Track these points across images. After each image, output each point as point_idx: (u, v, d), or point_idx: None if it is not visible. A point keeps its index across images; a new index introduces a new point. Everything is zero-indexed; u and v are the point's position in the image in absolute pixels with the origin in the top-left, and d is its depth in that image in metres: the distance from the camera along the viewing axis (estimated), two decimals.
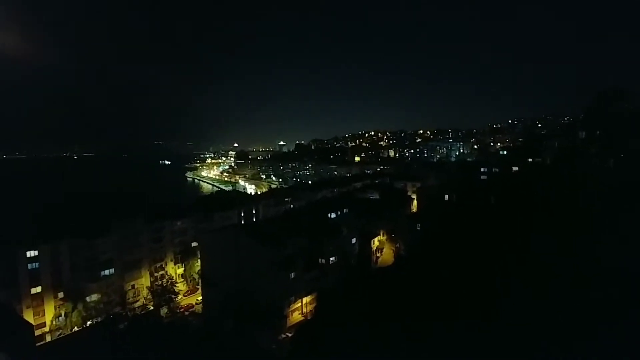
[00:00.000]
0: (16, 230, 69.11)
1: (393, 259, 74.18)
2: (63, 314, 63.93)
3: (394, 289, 44.54)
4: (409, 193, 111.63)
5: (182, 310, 70.94)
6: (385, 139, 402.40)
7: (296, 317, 60.29)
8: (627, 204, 35.84)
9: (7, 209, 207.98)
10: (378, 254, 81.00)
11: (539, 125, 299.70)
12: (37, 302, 62.38)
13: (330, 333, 37.85)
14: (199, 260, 78.18)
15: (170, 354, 41.71)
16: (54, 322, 63.54)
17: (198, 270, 78.54)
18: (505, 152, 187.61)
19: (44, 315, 63.03)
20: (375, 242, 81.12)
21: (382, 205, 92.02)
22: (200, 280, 74.79)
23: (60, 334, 61.21)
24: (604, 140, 64.34)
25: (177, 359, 40.57)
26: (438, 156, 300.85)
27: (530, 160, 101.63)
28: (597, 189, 41.82)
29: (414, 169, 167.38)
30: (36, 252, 62.16)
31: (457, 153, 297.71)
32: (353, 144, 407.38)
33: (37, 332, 55.72)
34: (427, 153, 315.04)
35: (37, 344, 46.82)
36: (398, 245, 76.40)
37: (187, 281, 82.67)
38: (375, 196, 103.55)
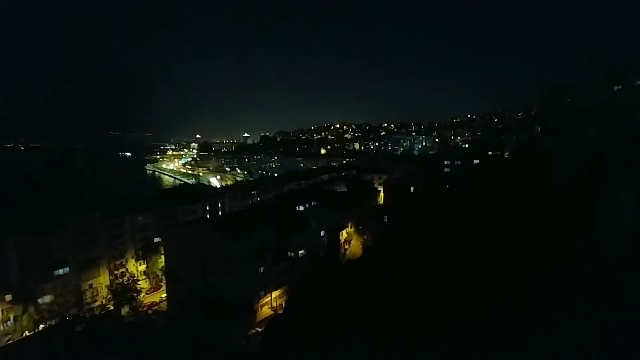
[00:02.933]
0: None
1: (361, 251, 75.35)
2: (12, 318, 59.42)
3: (363, 280, 45.16)
4: (375, 185, 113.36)
5: (145, 308, 68.16)
6: (351, 131, 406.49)
7: (266, 311, 59.76)
8: (580, 190, 38.39)
9: None
10: (346, 246, 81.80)
11: (496, 119, 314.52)
12: None
13: (300, 327, 37.77)
14: (162, 257, 75.32)
15: (134, 354, 40.00)
16: (1, 327, 58.94)
17: (162, 267, 75.73)
18: (466, 145, 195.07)
19: None
20: (344, 234, 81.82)
21: (350, 198, 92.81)
22: (164, 277, 72.18)
23: (8, 340, 56.86)
24: (556, 134, 68.48)
25: (141, 358, 39.00)
26: (402, 149, 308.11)
27: (490, 153, 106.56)
28: (552, 177, 44.49)
29: (380, 162, 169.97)
30: None
31: (420, 146, 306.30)
32: (319, 137, 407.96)
33: None
34: (391, 146, 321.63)
35: None
36: (366, 237, 77.49)
37: (149, 278, 79.56)
38: (342, 189, 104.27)
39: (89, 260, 71.35)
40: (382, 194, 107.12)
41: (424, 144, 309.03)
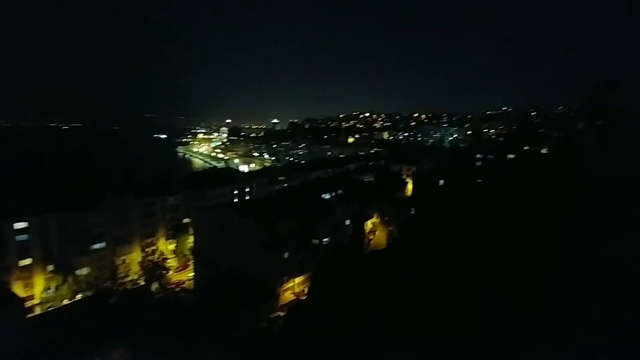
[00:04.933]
0: (3, 202, 67.49)
1: (386, 242, 74.76)
2: (53, 287, 63.37)
3: (386, 272, 44.84)
4: (403, 176, 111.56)
5: (173, 286, 70.88)
6: (380, 121, 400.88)
7: (288, 296, 60.63)
8: (623, 196, 35.99)
9: None
10: (371, 237, 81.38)
11: (533, 113, 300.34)
12: (27, 274, 61.59)
13: (322, 314, 38.06)
14: (190, 237, 77.71)
15: (160, 329, 41.75)
16: (43, 295, 63.03)
17: (190, 247, 78.16)
18: (501, 139, 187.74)
19: (33, 288, 62.42)
20: (369, 225, 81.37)
21: (377, 188, 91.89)
22: (191, 257, 74.55)
23: (49, 307, 60.80)
24: (602, 132, 64.31)
25: (166, 334, 40.62)
26: (432, 140, 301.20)
27: (526, 148, 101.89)
28: (594, 179, 41.96)
29: (409, 153, 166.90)
30: (25, 224, 60.89)
31: (451, 138, 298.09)
32: (347, 125, 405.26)
33: (27, 305, 55.17)
34: (421, 137, 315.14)
35: (27, 316, 46.40)
36: (391, 228, 76.71)
37: (178, 257, 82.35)
38: (369, 178, 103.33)
39: (123, 237, 74.71)
40: (410, 186, 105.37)
41: (455, 136, 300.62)
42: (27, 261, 61.76)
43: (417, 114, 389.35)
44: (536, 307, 24.74)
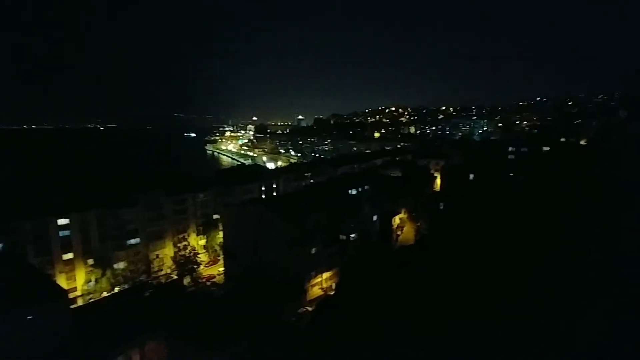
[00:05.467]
0: (47, 200, 71.43)
1: (414, 238, 73.57)
2: (93, 280, 66.66)
3: (414, 268, 44.12)
4: (431, 171, 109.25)
5: (204, 280, 72.88)
6: (406, 114, 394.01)
7: (316, 291, 60.90)
8: None
9: (37, 179, 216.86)
10: (399, 232, 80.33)
11: (570, 103, 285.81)
12: (69, 267, 65.09)
13: (350, 309, 37.99)
14: (220, 232, 79.47)
15: (193, 321, 43.02)
16: (84, 287, 66.42)
17: (220, 242, 79.97)
18: (535, 130, 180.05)
19: (75, 280, 65.86)
20: (396, 220, 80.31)
21: (404, 183, 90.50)
22: (221, 252, 76.22)
23: (90, 299, 64.01)
24: None
25: (198, 326, 41.80)
26: (461, 133, 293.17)
27: (562, 139, 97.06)
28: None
29: (437, 147, 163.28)
30: (67, 221, 64.29)
31: (481, 131, 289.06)
32: (373, 120, 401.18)
33: (70, 296, 58.24)
34: (449, 130, 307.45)
35: (71, 307, 48.92)
36: (419, 224, 75.40)
37: (208, 252, 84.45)
38: (396, 173, 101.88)
39: (156, 233, 77.41)
40: (438, 180, 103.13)
41: (485, 128, 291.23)
42: (70, 255, 65.23)
43: (444, 107, 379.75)
44: (570, 306, 23.69)
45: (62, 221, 63.92)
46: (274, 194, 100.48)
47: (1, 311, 36.09)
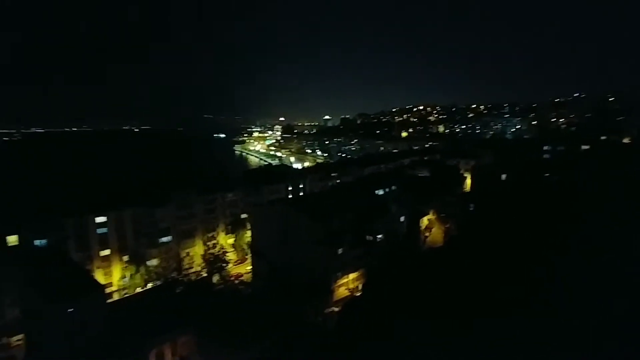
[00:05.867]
0: (87, 198, 75.21)
1: (443, 239, 72.00)
2: (128, 276, 69.49)
3: (443, 269, 43.17)
4: (461, 171, 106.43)
5: (232, 278, 74.27)
6: (435, 113, 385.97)
7: (342, 292, 60.66)
8: None
9: (75, 179, 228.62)
10: (427, 233, 78.79)
11: (611, 99, 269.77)
12: (106, 263, 68.21)
13: (377, 310, 37.65)
14: (248, 232, 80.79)
15: (222, 318, 43.97)
16: (120, 283, 69.37)
17: (248, 241, 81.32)
18: (573, 129, 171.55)
19: (112, 275, 68.91)
20: (425, 221, 78.79)
21: (433, 183, 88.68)
22: (249, 251, 77.46)
23: (125, 294, 66.77)
24: None
25: (227, 323, 42.66)
26: (492, 132, 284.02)
27: (603, 138, 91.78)
28: None
29: (467, 146, 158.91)
30: (105, 219, 67.39)
31: (514, 129, 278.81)
32: (400, 119, 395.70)
33: (106, 291, 60.99)
34: (480, 129, 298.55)
35: (107, 301, 51.21)
36: (449, 225, 73.70)
37: (237, 251, 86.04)
38: (425, 173, 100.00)
39: (187, 231, 79.70)
40: (468, 181, 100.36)
41: (518, 127, 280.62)
42: (107, 252, 68.39)
43: (475, 105, 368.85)
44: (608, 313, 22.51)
45: (100, 219, 67.02)
46: (301, 194, 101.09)
47: (46, 303, 38.36)
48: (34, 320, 41.89)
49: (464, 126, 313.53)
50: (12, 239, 56.37)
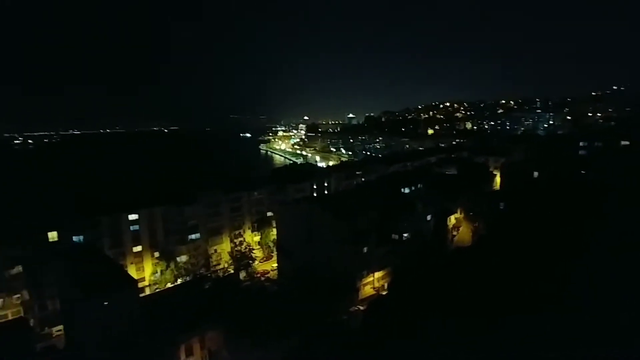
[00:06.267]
0: (120, 197, 78.30)
1: (471, 239, 70.26)
2: (159, 271, 71.90)
3: (471, 270, 42.12)
4: (490, 169, 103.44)
5: (258, 275, 75.50)
6: (462, 110, 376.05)
7: (368, 290, 60.46)
8: None
9: (108, 178, 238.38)
10: (454, 233, 77.13)
11: None
12: (138, 259, 70.83)
13: (404, 310, 37.19)
14: (274, 229, 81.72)
15: (248, 314, 44.76)
16: (151, 278, 71.88)
17: (273, 239, 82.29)
18: (612, 124, 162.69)
19: (144, 271, 71.48)
20: (452, 220, 77.13)
21: (460, 181, 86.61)
22: (275, 248, 78.38)
23: (156, 289, 69.13)
24: None
25: (254, 319, 43.37)
26: (522, 128, 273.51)
27: None
28: None
29: (496, 143, 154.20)
30: (137, 216, 69.99)
31: (546, 125, 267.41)
32: (426, 116, 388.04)
33: (139, 286, 63.28)
34: (509, 125, 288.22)
35: (140, 296, 53.18)
36: (477, 224, 71.82)
37: (263, 248, 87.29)
38: (452, 171, 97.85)
39: (215, 229, 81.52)
40: (498, 179, 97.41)
41: (551, 122, 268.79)
42: (139, 248, 71.00)
43: (504, 101, 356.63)
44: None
45: (132, 216, 69.64)
46: (326, 192, 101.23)
47: (83, 296, 40.30)
48: (72, 312, 44.15)
49: (493, 122, 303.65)
50: (53, 235, 59.38)
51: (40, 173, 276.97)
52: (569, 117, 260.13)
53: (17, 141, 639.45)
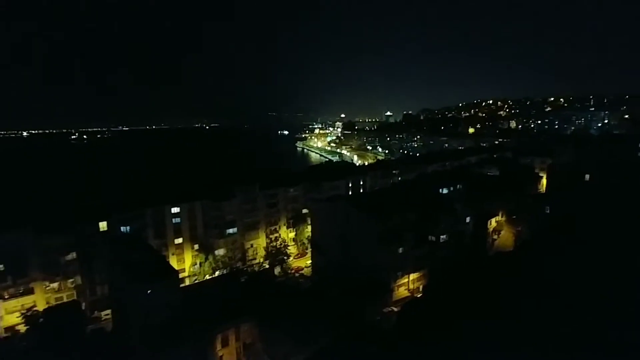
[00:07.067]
0: (162, 190, 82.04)
1: (513, 243, 67.20)
2: (198, 263, 74.77)
3: (515, 275, 40.32)
4: (536, 170, 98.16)
5: (293, 271, 76.36)
6: (506, 108, 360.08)
7: (402, 292, 59.53)
8: None
9: (154, 171, 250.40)
10: (495, 236, 74.02)
11: None
12: (179, 251, 74.06)
13: (439, 314, 36.29)
14: (309, 226, 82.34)
15: (282, 309, 45.46)
16: (191, 269, 74.89)
17: (308, 236, 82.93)
18: None
19: (184, 262, 74.65)
20: (493, 223, 74.06)
21: (502, 183, 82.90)
22: (309, 245, 78.97)
23: (195, 280, 71.96)
24: None
25: (287, 314, 43.99)
26: (573, 128, 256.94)
27: None
28: None
29: (542, 143, 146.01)
30: (178, 209, 73.15)
31: (600, 124, 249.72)
32: (467, 114, 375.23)
33: (179, 276, 66.14)
34: (558, 124, 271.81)
35: (181, 286, 55.58)
36: (520, 228, 68.52)
37: (297, 245, 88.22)
38: (494, 172, 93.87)
39: (251, 224, 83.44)
40: (544, 181, 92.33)
41: (606, 121, 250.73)
42: (180, 240, 74.25)
43: (552, 98, 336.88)
44: None
45: (174, 209, 72.86)
46: (361, 190, 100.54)
47: (129, 283, 42.71)
48: (119, 298, 46.90)
49: (540, 121, 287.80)
50: (103, 225, 63.40)
51: (93, 166, 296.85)
52: (626, 116, 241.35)
53: (74, 137, 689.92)
